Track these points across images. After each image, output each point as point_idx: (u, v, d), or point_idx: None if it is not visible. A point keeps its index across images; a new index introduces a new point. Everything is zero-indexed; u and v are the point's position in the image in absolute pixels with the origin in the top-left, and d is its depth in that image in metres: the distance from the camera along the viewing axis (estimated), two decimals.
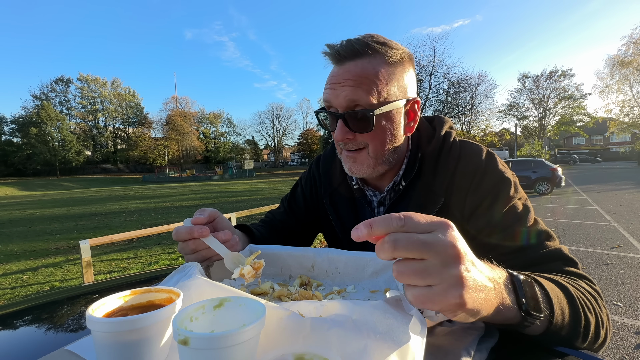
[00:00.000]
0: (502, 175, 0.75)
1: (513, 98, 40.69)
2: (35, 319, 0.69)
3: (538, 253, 0.67)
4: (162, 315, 0.39)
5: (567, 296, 0.54)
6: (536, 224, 0.72)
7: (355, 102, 0.72)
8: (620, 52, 34.06)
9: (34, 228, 9.42)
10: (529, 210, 0.73)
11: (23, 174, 49.20)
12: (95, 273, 4.68)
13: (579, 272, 0.65)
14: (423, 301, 0.38)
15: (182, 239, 0.67)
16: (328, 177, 0.99)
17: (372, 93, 0.71)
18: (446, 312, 0.40)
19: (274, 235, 0.99)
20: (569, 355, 0.51)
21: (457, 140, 0.83)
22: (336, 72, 0.74)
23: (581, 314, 0.54)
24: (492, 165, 0.77)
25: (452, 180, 0.78)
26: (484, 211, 0.74)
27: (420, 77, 23.61)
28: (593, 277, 2.04)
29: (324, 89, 0.77)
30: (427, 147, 0.83)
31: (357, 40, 0.73)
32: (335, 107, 0.75)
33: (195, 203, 14.30)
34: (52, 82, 56.35)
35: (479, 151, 0.79)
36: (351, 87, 0.71)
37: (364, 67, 0.71)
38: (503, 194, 0.73)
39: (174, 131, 60.42)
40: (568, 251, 0.69)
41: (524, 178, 13.08)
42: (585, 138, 53.61)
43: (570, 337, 0.53)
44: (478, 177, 0.76)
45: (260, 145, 77.08)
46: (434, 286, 0.37)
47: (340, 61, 0.73)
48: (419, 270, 0.37)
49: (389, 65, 0.73)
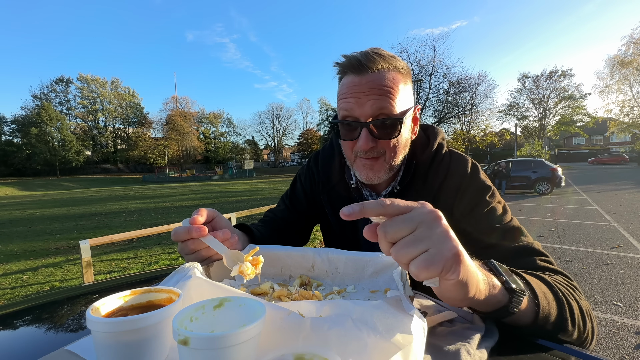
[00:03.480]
0: (484, 184, 0.84)
1: (513, 98, 40.69)
2: (35, 319, 0.69)
3: (513, 247, 0.73)
4: (162, 315, 0.39)
5: (546, 284, 0.58)
6: (512, 221, 0.78)
7: (381, 110, 0.75)
8: (620, 52, 34.09)
9: (34, 228, 9.42)
10: (507, 212, 0.80)
11: (23, 174, 49.18)
12: (95, 273, 4.68)
13: (554, 268, 0.69)
14: (426, 266, 0.40)
15: (181, 239, 0.67)
16: (326, 174, 1.01)
17: (395, 101, 0.76)
18: (449, 273, 0.41)
19: (274, 233, 1.00)
20: (568, 354, 0.51)
21: (447, 152, 0.91)
22: (358, 82, 0.76)
23: (563, 299, 0.57)
24: (476, 174, 0.86)
25: (442, 185, 0.86)
26: (471, 210, 0.81)
27: (420, 77, 23.64)
28: (593, 277, 2.03)
29: (342, 98, 0.79)
30: (421, 156, 0.89)
31: (374, 52, 0.77)
32: (357, 116, 0.77)
33: (195, 203, 14.30)
34: (52, 82, 56.38)
35: (466, 161, 0.88)
36: (377, 96, 0.74)
37: (385, 77, 0.76)
38: (484, 198, 0.81)
39: (174, 131, 60.36)
40: (541, 247, 0.73)
41: (524, 178, 13.09)
42: (585, 138, 53.58)
43: (560, 325, 0.55)
44: (465, 183, 0.84)
45: (260, 145, 77.09)
46: (429, 250, 0.41)
47: (361, 71, 0.76)
48: (410, 241, 0.41)
49: (401, 75, 0.79)
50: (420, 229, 0.41)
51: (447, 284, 0.43)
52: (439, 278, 0.42)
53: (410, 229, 0.41)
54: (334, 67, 0.82)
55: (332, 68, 0.83)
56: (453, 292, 0.45)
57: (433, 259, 0.40)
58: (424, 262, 0.40)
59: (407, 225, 0.41)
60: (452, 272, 0.41)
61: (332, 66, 0.83)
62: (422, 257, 0.40)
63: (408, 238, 0.41)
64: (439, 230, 0.42)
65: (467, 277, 0.44)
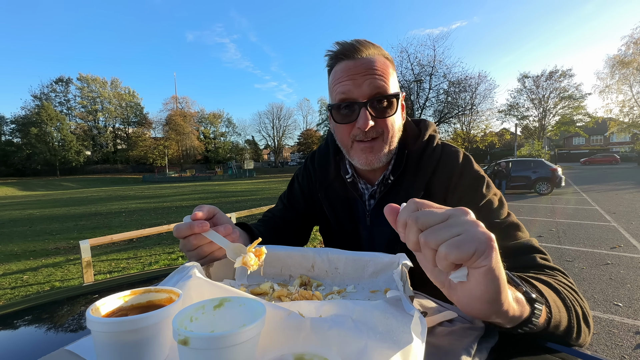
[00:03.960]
0: (478, 174, 0.84)
1: (513, 98, 40.72)
2: (35, 319, 0.69)
3: (512, 244, 0.72)
4: (162, 315, 0.39)
5: (554, 291, 0.57)
6: (509, 217, 0.77)
7: (378, 90, 0.79)
8: (620, 52, 34.07)
9: (34, 228, 9.42)
10: (504, 205, 0.80)
11: (23, 174, 49.18)
12: (95, 273, 4.68)
13: (552, 265, 0.69)
14: (457, 245, 0.38)
15: (183, 235, 0.68)
16: (323, 172, 1.03)
17: (389, 82, 0.80)
18: (480, 258, 0.38)
19: (273, 232, 1.00)
20: (568, 354, 0.51)
21: (439, 143, 0.92)
22: (353, 65, 0.79)
23: (571, 306, 0.56)
24: (469, 165, 0.86)
25: (433, 177, 0.86)
26: (465, 203, 0.79)
27: (420, 77, 23.62)
28: (593, 277, 2.02)
29: (338, 82, 0.81)
30: (412, 147, 0.90)
31: (362, 40, 0.82)
32: (355, 97, 0.79)
33: (195, 203, 14.28)
34: (52, 82, 56.41)
35: (457, 153, 0.88)
36: (373, 77, 0.78)
37: (377, 60, 0.80)
38: (480, 189, 0.81)
39: (174, 131, 60.36)
40: (538, 243, 0.73)
41: (524, 178, 13.09)
42: (585, 138, 53.58)
43: (568, 332, 0.55)
44: (456, 177, 0.84)
45: (260, 145, 77.08)
46: (461, 234, 0.39)
47: (354, 55, 0.80)
48: (442, 227, 0.40)
49: (390, 62, 0.84)
50: (452, 219, 0.41)
51: (477, 274, 0.39)
52: (468, 269, 0.40)
53: (443, 218, 0.41)
54: (325, 56, 0.85)
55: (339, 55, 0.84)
56: (482, 287, 0.40)
57: (466, 240, 0.38)
58: (457, 242, 0.38)
59: (440, 215, 0.41)
60: (485, 256, 0.38)
61: (324, 56, 0.86)
62: (455, 239, 0.39)
63: (440, 225, 0.41)
64: (470, 220, 0.41)
65: (499, 270, 0.40)
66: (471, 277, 0.40)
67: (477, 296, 0.41)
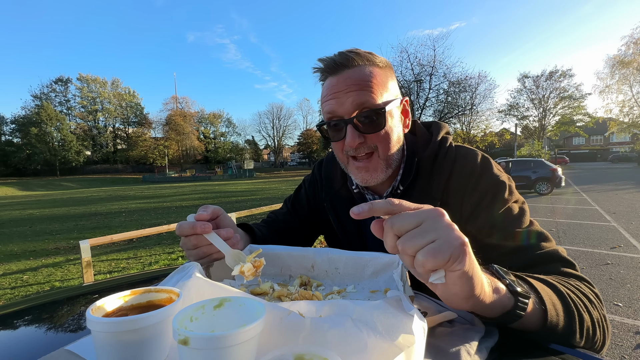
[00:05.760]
0: (498, 179, 0.77)
1: (513, 98, 40.71)
2: (35, 319, 0.69)
3: (536, 254, 0.68)
4: (162, 315, 0.39)
5: (556, 293, 0.56)
6: (532, 226, 0.73)
7: (362, 104, 0.74)
8: (620, 52, 34.08)
9: (34, 228, 9.42)
10: (525, 213, 0.75)
11: (23, 174, 49.16)
12: (95, 273, 4.68)
13: (577, 274, 0.66)
14: (433, 254, 0.41)
15: (185, 234, 0.68)
16: (329, 181, 1.01)
17: (376, 94, 0.75)
18: (455, 263, 0.41)
19: (276, 235, 1.00)
20: (568, 355, 0.51)
21: (453, 145, 0.85)
22: (336, 82, 0.76)
23: (574, 310, 0.55)
24: (488, 168, 0.79)
25: (448, 183, 0.80)
26: (483, 210, 0.75)
27: (420, 77, 23.60)
28: (593, 277, 2.02)
29: (324, 102, 0.79)
30: (423, 152, 0.85)
31: (348, 51, 0.77)
32: (341, 115, 0.76)
33: (195, 203, 14.29)
34: (52, 82, 56.38)
35: (475, 155, 0.82)
36: (356, 92, 0.74)
37: (362, 72, 0.75)
38: (500, 196, 0.75)
39: (174, 131, 60.35)
40: (565, 253, 0.69)
41: (524, 178, 13.07)
42: (585, 138, 53.59)
43: (568, 335, 0.54)
44: (474, 179, 0.78)
45: (260, 145, 77.06)
46: (436, 240, 0.41)
47: (337, 71, 0.76)
48: (417, 233, 0.42)
49: (380, 68, 0.78)
50: (426, 223, 0.43)
51: (453, 277, 0.43)
52: (445, 271, 0.43)
53: (417, 222, 0.43)
54: (314, 73, 0.82)
55: (324, 72, 0.82)
56: (458, 287, 0.44)
57: (440, 248, 0.41)
58: (432, 250, 0.41)
59: (414, 220, 0.43)
60: (459, 261, 0.41)
61: (312, 73, 0.83)
62: (430, 246, 0.41)
63: (415, 230, 0.43)
64: (444, 224, 0.43)
65: (473, 270, 0.44)
66: (448, 278, 0.43)
67: (455, 293, 0.45)
